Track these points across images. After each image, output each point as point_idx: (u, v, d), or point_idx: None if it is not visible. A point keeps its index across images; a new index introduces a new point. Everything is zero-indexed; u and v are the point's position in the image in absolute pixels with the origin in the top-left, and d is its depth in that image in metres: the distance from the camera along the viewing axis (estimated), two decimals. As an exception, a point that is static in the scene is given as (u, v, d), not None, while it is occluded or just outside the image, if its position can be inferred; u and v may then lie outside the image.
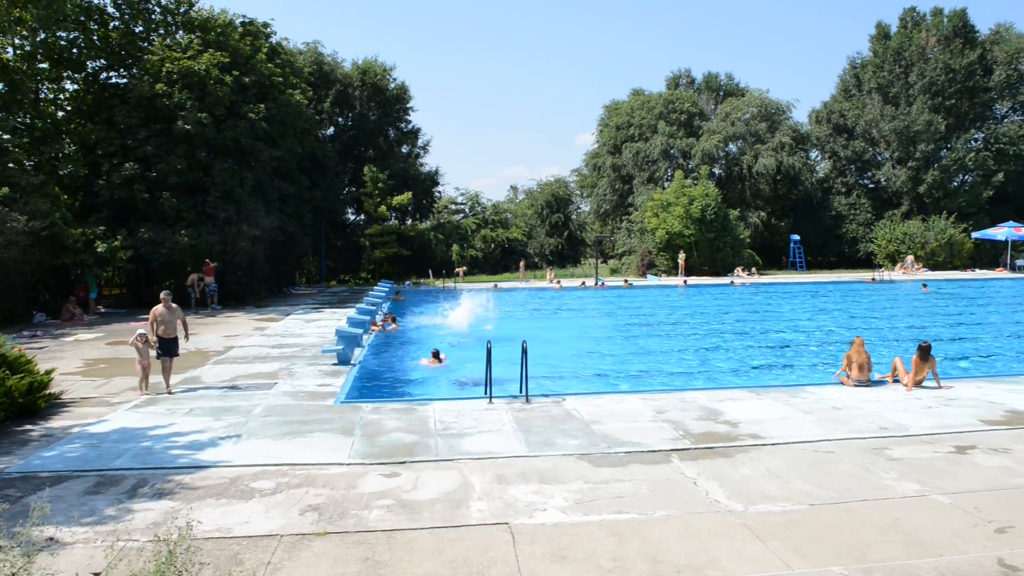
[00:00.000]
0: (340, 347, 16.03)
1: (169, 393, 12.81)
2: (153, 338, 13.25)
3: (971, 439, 9.85)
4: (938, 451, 9.34)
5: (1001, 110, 52.04)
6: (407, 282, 40.80)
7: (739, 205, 49.08)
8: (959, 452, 9.28)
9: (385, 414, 11.27)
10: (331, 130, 47.50)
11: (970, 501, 7.59)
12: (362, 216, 48.01)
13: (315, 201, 38.15)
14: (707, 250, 43.96)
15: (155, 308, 13.40)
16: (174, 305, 13.59)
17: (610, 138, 55.25)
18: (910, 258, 45.28)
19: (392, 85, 47.97)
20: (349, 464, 8.89)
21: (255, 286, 30.77)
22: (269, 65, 31.43)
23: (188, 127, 27.35)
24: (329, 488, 8.05)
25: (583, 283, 38.78)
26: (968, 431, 10.24)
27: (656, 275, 43.45)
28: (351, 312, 22.40)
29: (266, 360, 16.38)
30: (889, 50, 51.34)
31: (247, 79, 29.83)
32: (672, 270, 43.51)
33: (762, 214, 50.16)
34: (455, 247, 47.99)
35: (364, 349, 18.04)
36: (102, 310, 26.62)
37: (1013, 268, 44.90)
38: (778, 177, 50.07)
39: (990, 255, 47.44)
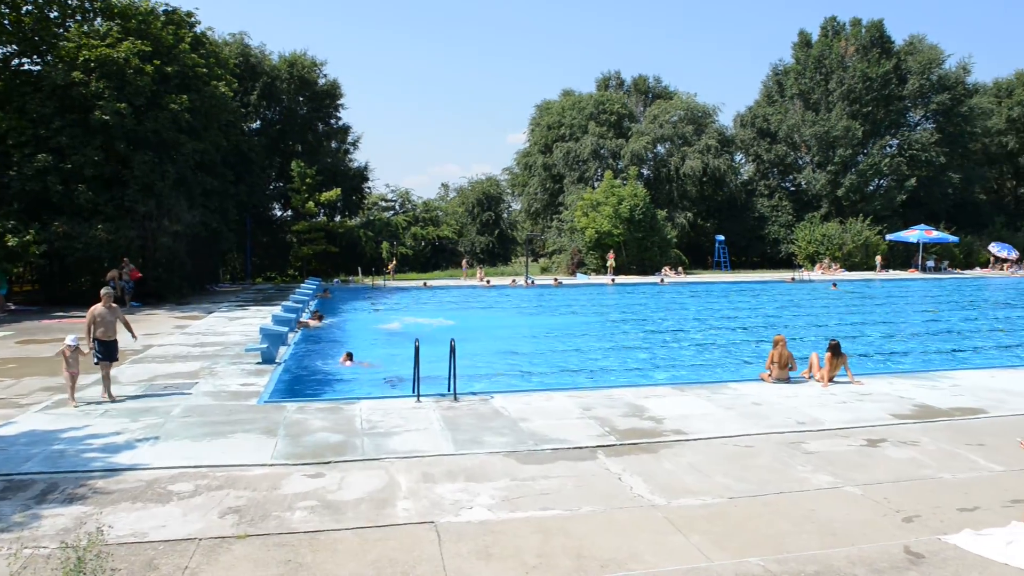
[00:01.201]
0: (264, 345, 15.70)
1: (112, 401, 11.86)
2: (90, 343, 12.24)
3: (882, 433, 10.28)
4: (851, 444, 9.72)
5: (914, 118, 54.36)
6: (335, 279, 40.20)
7: (667, 206, 49.99)
8: (870, 445, 9.68)
9: (310, 414, 11.10)
10: (257, 123, 46.41)
11: (880, 492, 7.92)
12: (289, 212, 47.06)
13: (240, 196, 37.22)
14: (635, 249, 44.66)
15: (94, 308, 12.34)
16: (114, 304, 12.70)
17: (541, 137, 55.56)
18: (827, 260, 46.96)
19: (322, 80, 47.18)
20: (272, 465, 8.72)
21: (176, 283, 29.85)
22: (193, 55, 30.49)
23: (106, 117, 26.30)
24: (251, 490, 7.88)
25: (513, 281, 38.93)
26: (879, 425, 10.69)
27: (586, 274, 43.93)
28: (276, 310, 21.95)
29: (187, 359, 15.92)
30: (810, 58, 53.06)
31: (169, 69, 28.87)
32: (602, 269, 44.05)
33: (689, 215, 51.21)
34: (385, 244, 47.54)
35: (289, 347, 17.71)
36: (12, 308, 25.40)
37: (923, 269, 47.03)
38: (704, 179, 51.18)
39: (903, 256, 49.51)
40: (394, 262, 44.03)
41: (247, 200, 39.35)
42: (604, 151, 52.29)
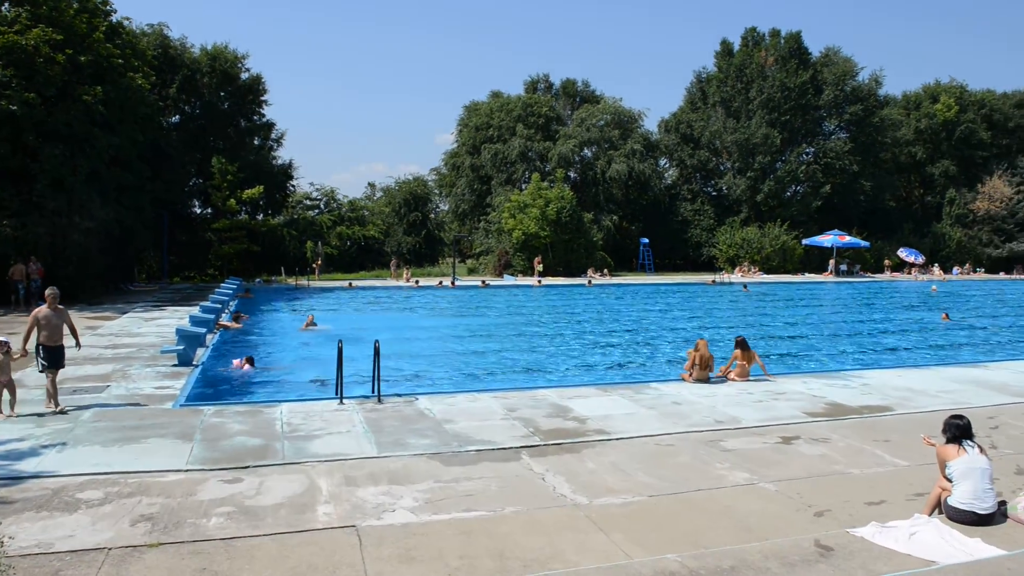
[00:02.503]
0: (181, 347, 15.22)
1: (62, 412, 10.85)
2: (24, 349, 11.22)
3: (796, 430, 10.63)
4: (767, 442, 10.01)
5: (829, 127, 56.57)
6: (257, 279, 39.30)
7: (593, 208, 50.64)
8: (785, 442, 9.99)
9: (229, 417, 10.81)
10: (177, 118, 44.96)
11: (793, 488, 8.19)
12: (210, 210, 45.74)
13: (157, 193, 35.97)
14: (562, 251, 45.10)
15: (37, 310, 11.33)
16: (61, 307, 11.51)
17: (469, 138, 55.56)
18: (746, 264, 48.38)
19: (245, 74, 46.04)
20: (187, 471, 8.45)
21: (88, 282, 28.65)
22: (108, 45, 29.29)
23: (13, 107, 25.04)
24: (165, 496, 7.62)
25: (440, 282, 38.79)
26: (793, 423, 11.05)
27: (513, 275, 44.11)
28: (194, 310, 21.33)
29: (98, 362, 15.30)
30: (732, 67, 54.63)
31: (83, 59, 27.68)
32: (528, 270, 44.31)
33: (614, 217, 52.01)
34: (309, 244, 46.68)
35: (208, 349, 17.22)
36: (-95, 307, 23.97)
37: (837, 272, 48.92)
38: (629, 182, 52.08)
39: (818, 260, 51.39)
40: (319, 262, 43.32)
41: (165, 197, 38.08)
42: (532, 153, 52.63)
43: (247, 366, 15.60)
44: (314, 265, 42.64)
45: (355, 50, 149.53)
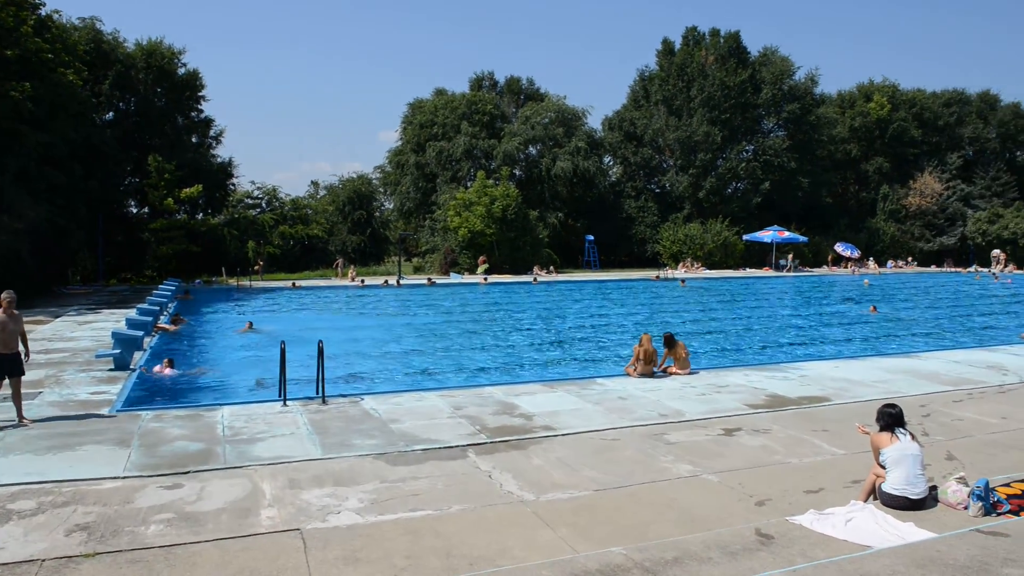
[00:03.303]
0: (117, 351, 14.79)
1: (25, 425, 10.27)
2: None
3: (737, 422, 10.86)
4: (709, 434, 10.21)
5: (768, 125, 57.75)
6: (197, 280, 38.39)
7: (538, 206, 50.79)
8: (727, 434, 10.20)
9: (168, 422, 10.56)
10: (111, 115, 43.59)
11: (735, 478, 8.36)
12: (146, 209, 44.48)
13: (91, 192, 34.85)
14: (508, 249, 45.16)
15: None
16: (16, 312, 10.79)
17: (414, 136, 55.19)
18: (687, 261, 49.18)
19: (182, 70, 44.88)
20: (125, 478, 8.23)
21: (18, 285, 27.56)
22: (36, 40, 28.23)
23: (-67, 104, 24.04)
24: (101, 505, 7.41)
25: (386, 281, 38.49)
26: (735, 415, 11.28)
27: (459, 273, 44.01)
28: (131, 313, 20.75)
29: (30, 367, 14.71)
30: (673, 65, 55.36)
31: (9, 53, 26.63)
32: (475, 268, 44.26)
33: (560, 215, 52.26)
34: (251, 243, 45.78)
35: (145, 353, 16.77)
36: None
37: (777, 267, 50.05)
38: (574, 180, 52.36)
39: (758, 255, 52.45)
40: (261, 263, 42.54)
41: (100, 196, 36.95)
42: (477, 151, 52.54)
43: (168, 370, 14.97)
44: (255, 267, 41.84)
45: (297, 46, 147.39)
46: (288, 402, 11.61)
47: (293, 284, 37.06)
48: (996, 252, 53.35)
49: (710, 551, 5.76)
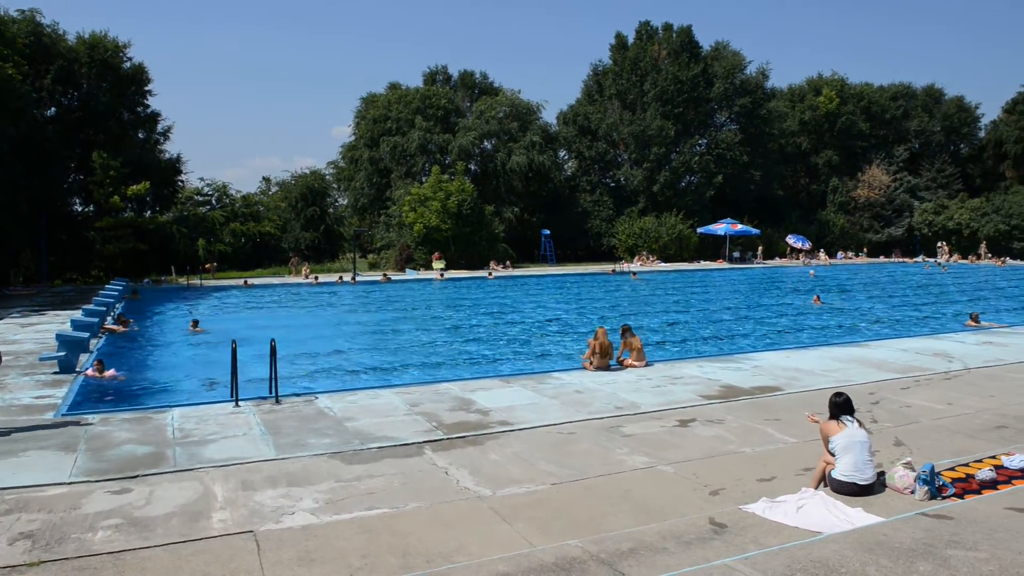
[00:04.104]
0: (62, 354, 14.41)
1: None
2: None
3: (692, 413, 11.00)
4: (665, 425, 10.33)
5: (720, 119, 58.56)
6: (146, 280, 37.60)
7: (494, 201, 50.79)
8: (682, 425, 10.33)
9: (115, 425, 10.32)
10: (53, 111, 42.37)
11: (690, 469, 8.48)
12: (92, 207, 43.38)
13: (33, 190, 33.85)
14: (464, 244, 45.11)
15: None
16: None
17: (367, 131, 54.71)
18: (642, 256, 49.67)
19: (127, 64, 43.80)
20: (71, 483, 8.03)
21: (-45, 287, 26.76)
22: (-30, 33, 27.38)
23: None
24: (46, 512, 7.21)
25: (340, 278, 38.14)
26: (690, 406, 11.44)
27: (415, 269, 43.82)
28: (77, 314, 20.25)
29: (-32, 371, 14.32)
30: (627, 60, 55.76)
31: (-59, 47, 25.78)
32: (430, 264, 44.12)
33: (515, 209, 52.32)
34: (201, 241, 44.99)
35: (92, 355, 16.35)
36: None
37: (730, 259, 50.82)
38: (530, 174, 52.46)
39: (712, 248, 53.19)
40: (213, 263, 41.83)
41: (42, 194, 35.92)
42: (432, 146, 52.30)
43: (98, 372, 14.31)
44: (207, 266, 41.10)
45: (248, 39, 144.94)
46: (240, 402, 11.44)
47: (245, 282, 36.52)
48: (942, 243, 54.96)
49: (665, 541, 5.83)
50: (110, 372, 14.39)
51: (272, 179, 70.71)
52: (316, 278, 38.35)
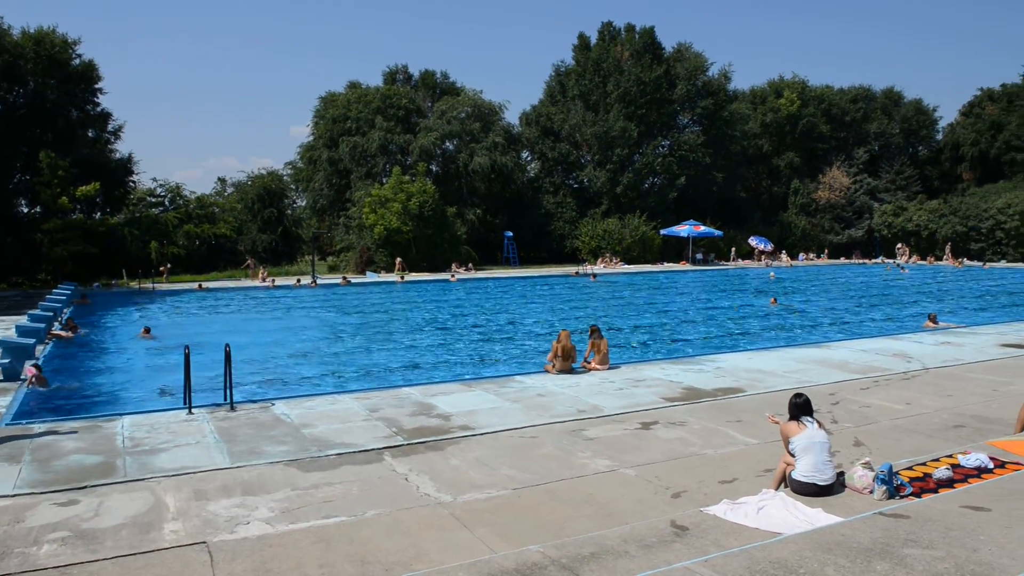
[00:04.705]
0: (6, 360, 14.06)
1: None
2: None
3: (654, 415, 11.10)
4: (627, 428, 10.40)
5: (683, 121, 59.17)
6: (96, 284, 36.83)
7: (456, 202, 50.69)
8: (644, 428, 10.41)
9: (63, 434, 10.09)
10: (-4, 108, 41.36)
11: (652, 472, 8.55)
12: (38, 209, 42.38)
13: (-25, 191, 33.00)
14: (425, 246, 44.96)
15: None
16: None
17: (326, 131, 54.26)
18: (606, 257, 50.03)
19: (76, 61, 42.90)
20: (15, 495, 7.83)
21: None
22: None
23: None
24: (-12, 525, 7.03)
25: (298, 281, 37.75)
26: (652, 408, 11.53)
27: (375, 272, 43.56)
28: (22, 319, 19.78)
29: (-95, 380, 13.89)
30: (590, 60, 56.10)
31: None
32: (391, 266, 43.89)
33: (478, 211, 52.28)
34: (154, 244, 44.18)
35: (38, 362, 15.98)
36: None
37: (693, 261, 51.38)
38: (492, 175, 52.48)
39: (676, 250, 53.71)
40: (168, 265, 41.10)
41: (-15, 195, 35.00)
42: (392, 146, 52.06)
43: (34, 378, 13.80)
44: (161, 268, 40.38)
45: (202, 36, 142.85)
46: (194, 410, 11.27)
47: (200, 286, 35.95)
48: (901, 245, 56.19)
49: (627, 545, 5.87)
50: (31, 370, 13.90)
51: (228, 180, 69.87)
52: (273, 281, 37.91)
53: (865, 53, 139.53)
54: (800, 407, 7.58)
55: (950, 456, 8.29)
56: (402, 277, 40.00)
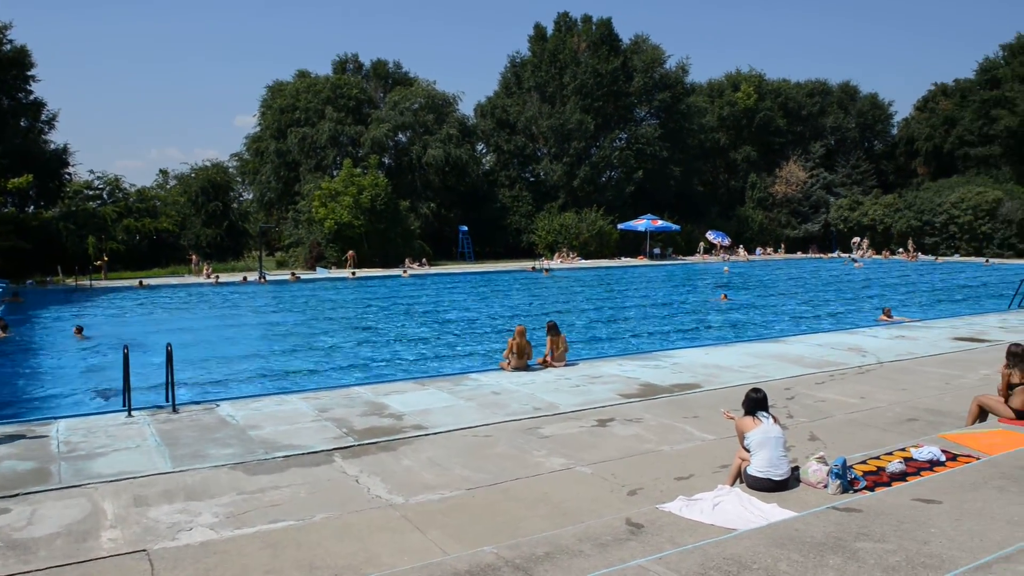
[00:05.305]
0: (-69, 362, 13.61)
1: None
2: None
3: (611, 412, 11.19)
4: (583, 426, 10.47)
5: (640, 114, 59.68)
6: (29, 281, 35.84)
7: (410, 195, 50.41)
8: (601, 425, 10.50)
9: (-8, 439, 9.81)
10: (-81, 97, 40.03)
11: (608, 469, 8.63)
12: (-34, 202, 41.14)
13: None
14: (378, 241, 44.67)
15: None
16: None
17: (274, 121, 53.50)
18: (563, 251, 50.28)
19: (7, 46, 41.66)
20: (-61, 504, 7.60)
21: None
22: None
23: None
24: (-91, 537, 6.81)
25: (245, 278, 37.20)
26: (609, 405, 11.63)
27: (326, 267, 43.13)
28: (-51, 319, 19.18)
29: None
30: (546, 51, 56.23)
31: None
32: (343, 262, 43.52)
33: (432, 205, 52.08)
34: (91, 239, 43.11)
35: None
36: None
37: (651, 256, 51.89)
38: (447, 168, 52.30)
39: (633, 244, 54.18)
40: (105, 259, 40.14)
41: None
42: (343, 137, 51.57)
43: None
44: (99, 263, 39.45)
45: (143, 20, 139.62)
46: (134, 412, 11.04)
47: (140, 283, 35.21)
48: (856, 239, 57.45)
49: (582, 544, 5.91)
50: None
51: (170, 172, 68.18)
52: (218, 278, 37.29)
53: (821, 47, 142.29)
54: (757, 402, 7.70)
55: (903, 450, 8.52)
56: (353, 273, 39.69)
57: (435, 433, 10.08)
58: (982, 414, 9.94)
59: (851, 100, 70.86)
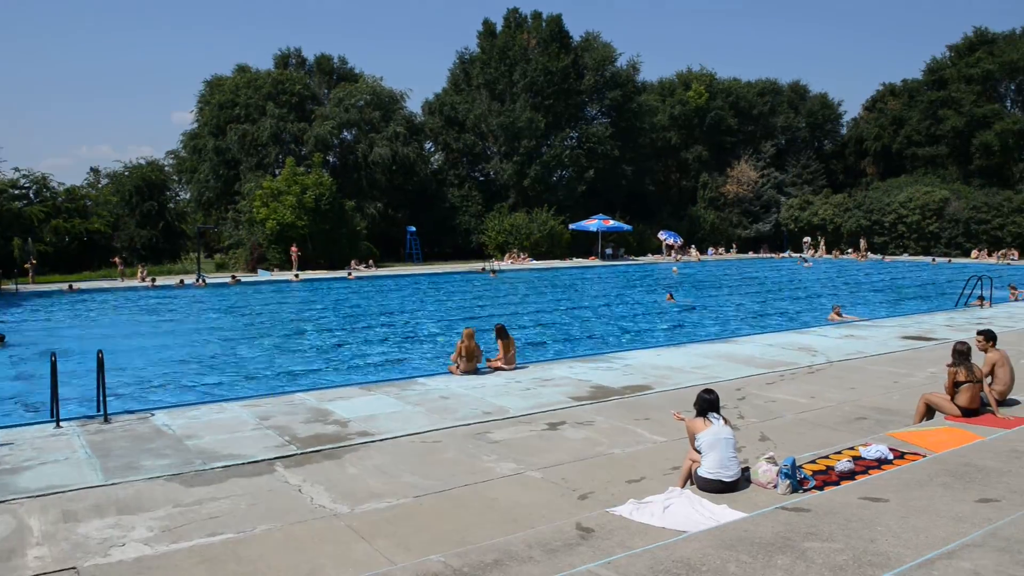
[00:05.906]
0: None
1: None
2: None
3: (562, 415, 11.25)
4: (534, 430, 10.51)
5: (591, 112, 60.16)
6: (-51, 286, 34.71)
7: (355, 195, 50.01)
8: (551, 429, 10.55)
9: (-92, 454, 9.47)
10: None
11: (559, 473, 8.68)
12: None
13: None
14: (323, 242, 44.26)
15: None
16: None
17: (212, 117, 52.59)
18: (512, 252, 50.40)
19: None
20: None
21: None
22: None
23: None
24: None
25: (181, 281, 36.52)
26: (560, 408, 11.69)
27: (268, 269, 42.57)
28: None
29: None
30: (495, 48, 56.34)
31: None
32: (286, 264, 42.99)
33: (379, 205, 51.74)
34: (17, 241, 41.86)
35: None
36: None
37: (603, 256, 52.32)
38: (394, 167, 51.99)
39: (585, 245, 54.56)
40: (33, 262, 39.03)
41: None
42: (285, 135, 50.97)
43: None
44: (26, 266, 38.33)
45: (72, 9, 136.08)
46: (62, 423, 10.75)
47: (70, 287, 34.32)
48: (807, 239, 58.74)
49: (531, 550, 5.94)
50: None
51: (102, 170, 66.51)
52: (153, 281, 36.56)
53: (772, 46, 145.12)
54: (707, 403, 7.82)
55: (852, 448, 8.74)
56: (297, 275, 39.25)
57: (382, 440, 10.02)
58: (929, 412, 10.26)
59: (801, 100, 72.38)
